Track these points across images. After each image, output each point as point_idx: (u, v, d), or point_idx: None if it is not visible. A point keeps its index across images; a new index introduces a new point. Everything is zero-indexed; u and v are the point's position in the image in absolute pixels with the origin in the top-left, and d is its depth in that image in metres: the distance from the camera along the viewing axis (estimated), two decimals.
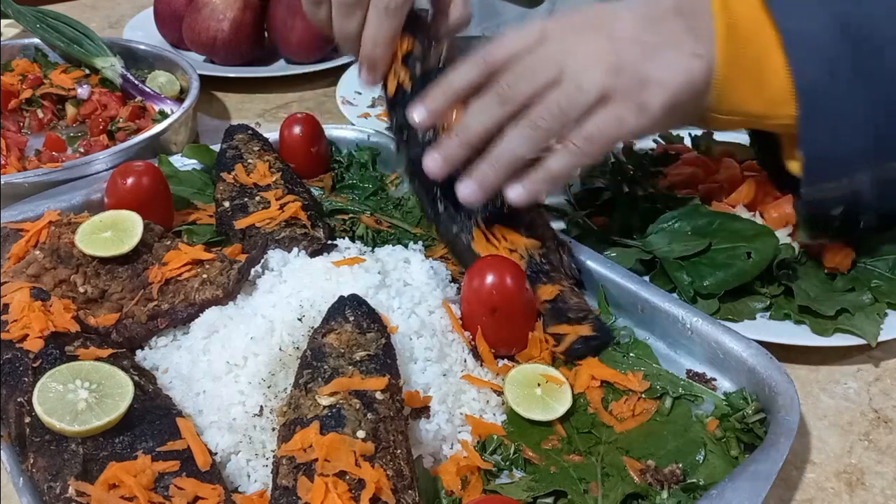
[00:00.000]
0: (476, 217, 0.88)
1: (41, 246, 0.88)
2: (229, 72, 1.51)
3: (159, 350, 0.83)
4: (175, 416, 0.70)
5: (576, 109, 0.78)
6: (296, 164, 1.09)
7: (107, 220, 0.88)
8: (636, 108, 0.78)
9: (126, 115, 1.26)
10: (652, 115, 0.79)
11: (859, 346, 0.84)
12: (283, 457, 0.64)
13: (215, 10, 1.50)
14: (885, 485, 0.74)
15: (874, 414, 0.82)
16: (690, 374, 0.82)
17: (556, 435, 0.76)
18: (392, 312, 0.80)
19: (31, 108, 1.29)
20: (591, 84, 0.78)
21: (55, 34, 1.41)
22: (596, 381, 0.81)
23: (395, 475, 0.63)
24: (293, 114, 1.14)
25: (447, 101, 0.84)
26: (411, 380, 0.76)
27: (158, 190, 0.98)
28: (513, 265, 0.84)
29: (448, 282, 0.90)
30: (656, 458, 0.73)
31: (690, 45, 0.79)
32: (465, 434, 0.75)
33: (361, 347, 0.72)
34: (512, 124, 0.80)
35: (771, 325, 0.86)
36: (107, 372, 0.70)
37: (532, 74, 0.80)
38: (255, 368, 0.74)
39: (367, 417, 0.65)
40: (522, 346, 0.83)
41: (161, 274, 0.85)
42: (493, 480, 0.72)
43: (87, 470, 0.65)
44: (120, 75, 1.34)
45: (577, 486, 0.70)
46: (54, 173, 1.07)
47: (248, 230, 0.94)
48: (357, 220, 1.04)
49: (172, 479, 0.65)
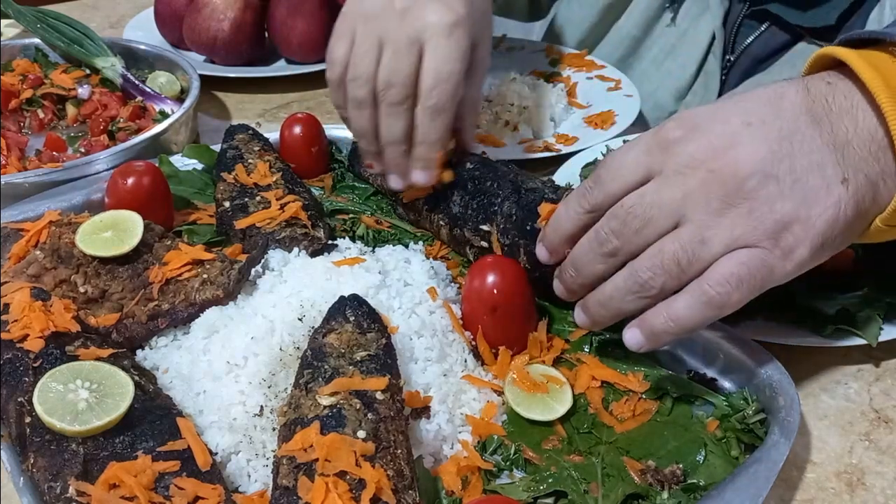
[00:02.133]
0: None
1: (41, 246, 0.88)
2: (230, 72, 1.51)
3: (160, 350, 0.83)
4: (175, 416, 0.70)
5: (698, 265, 0.67)
6: (296, 164, 1.09)
7: (107, 220, 0.88)
8: (781, 254, 0.66)
9: (126, 115, 1.26)
10: (798, 261, 0.67)
11: (860, 346, 0.84)
12: (284, 457, 0.64)
13: (216, 10, 1.50)
14: (885, 485, 0.74)
15: (875, 414, 0.82)
16: (691, 375, 0.82)
17: (556, 435, 0.76)
18: (392, 312, 0.80)
19: (32, 108, 1.29)
20: (718, 237, 0.66)
21: (55, 34, 1.41)
22: (596, 382, 0.80)
23: (396, 475, 0.63)
24: (294, 114, 1.14)
25: (561, 243, 0.77)
26: (412, 380, 0.76)
27: (159, 190, 0.98)
28: (513, 265, 0.84)
29: (448, 282, 0.90)
30: (657, 458, 0.73)
31: (834, 168, 0.66)
32: (465, 434, 0.75)
33: (362, 347, 0.72)
34: (623, 275, 0.71)
35: (771, 325, 0.86)
36: (107, 372, 0.70)
37: (643, 226, 0.69)
38: (256, 368, 0.74)
39: (367, 417, 0.65)
40: (523, 346, 0.83)
41: (161, 274, 0.85)
42: (493, 480, 0.72)
43: (88, 470, 0.65)
44: (120, 75, 1.34)
45: (578, 487, 0.70)
46: (55, 173, 1.07)
47: (248, 230, 0.94)
48: (357, 220, 1.04)
49: (173, 479, 0.64)
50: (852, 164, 0.67)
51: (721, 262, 0.67)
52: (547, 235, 0.79)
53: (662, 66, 1.39)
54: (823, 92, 0.69)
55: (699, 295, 0.67)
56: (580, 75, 1.42)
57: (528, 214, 0.87)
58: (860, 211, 0.67)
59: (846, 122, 0.67)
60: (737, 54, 1.29)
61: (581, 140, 1.22)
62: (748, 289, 0.67)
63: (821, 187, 0.66)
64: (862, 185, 0.67)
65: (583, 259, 0.74)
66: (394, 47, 0.89)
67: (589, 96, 1.37)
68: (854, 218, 0.67)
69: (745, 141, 0.67)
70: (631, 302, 0.71)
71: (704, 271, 0.67)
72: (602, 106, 1.32)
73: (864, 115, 0.67)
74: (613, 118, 1.27)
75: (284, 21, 1.51)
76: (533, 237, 0.84)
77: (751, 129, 0.67)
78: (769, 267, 0.67)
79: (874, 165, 0.67)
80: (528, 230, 0.86)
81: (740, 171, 0.66)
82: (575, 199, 0.75)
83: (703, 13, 1.31)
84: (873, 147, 0.67)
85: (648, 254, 0.69)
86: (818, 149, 0.67)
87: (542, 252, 0.80)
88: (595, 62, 1.44)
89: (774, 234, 0.66)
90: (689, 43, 1.34)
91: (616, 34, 1.45)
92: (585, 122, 1.28)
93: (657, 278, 0.69)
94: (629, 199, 0.70)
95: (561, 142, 1.23)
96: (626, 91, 1.35)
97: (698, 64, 1.33)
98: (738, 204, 0.66)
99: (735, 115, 0.69)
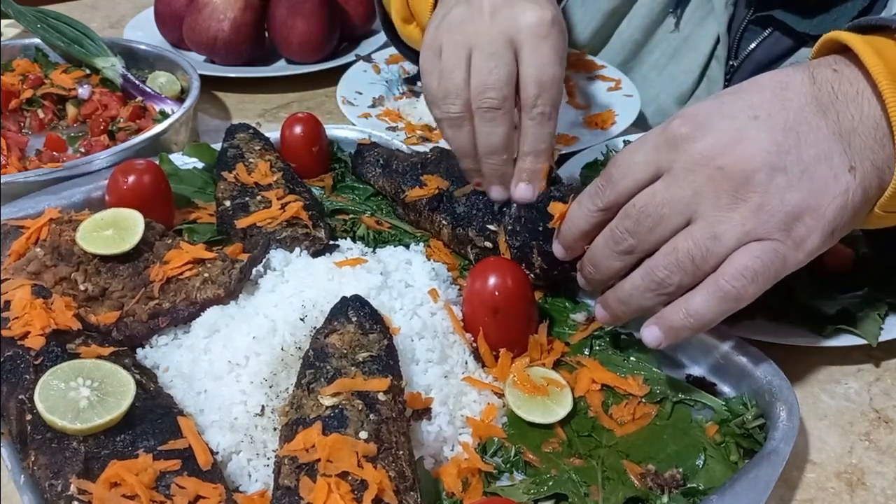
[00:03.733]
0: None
1: (42, 243, 0.87)
2: (230, 72, 1.51)
3: (160, 349, 0.83)
4: (176, 415, 0.70)
5: (712, 260, 0.68)
6: (297, 164, 1.09)
7: (108, 218, 0.88)
8: (793, 244, 0.67)
9: (127, 115, 1.26)
10: (810, 250, 0.68)
11: (860, 346, 0.85)
12: (286, 457, 0.64)
13: (216, 10, 1.50)
14: (885, 485, 0.75)
15: (875, 414, 0.82)
16: (690, 379, 0.82)
17: (556, 438, 0.76)
18: (394, 313, 0.80)
19: (32, 109, 1.29)
20: (729, 232, 0.67)
21: (56, 34, 1.41)
22: (596, 385, 0.81)
23: (398, 476, 0.63)
24: (294, 113, 1.14)
25: (576, 240, 0.78)
26: (413, 381, 0.76)
27: (160, 188, 0.98)
28: (515, 267, 0.84)
29: (450, 283, 0.90)
30: (656, 462, 0.73)
31: (841, 157, 0.67)
32: (465, 436, 0.76)
33: (364, 348, 0.72)
34: (640, 274, 0.72)
35: (771, 325, 0.86)
36: (108, 370, 0.70)
37: (656, 224, 0.70)
38: (257, 368, 0.74)
39: (369, 418, 0.65)
40: (523, 348, 0.83)
41: (162, 272, 0.85)
42: (493, 482, 0.72)
43: (89, 468, 0.65)
44: (120, 75, 1.34)
45: (578, 490, 0.70)
46: (55, 173, 1.07)
47: (249, 229, 0.94)
48: (358, 221, 1.04)
49: (174, 478, 0.64)
50: (858, 152, 0.67)
51: (735, 257, 0.68)
52: (562, 234, 0.80)
53: (665, 70, 1.39)
54: (829, 79, 0.69)
55: (715, 290, 0.68)
56: (580, 75, 1.42)
57: (539, 215, 0.87)
58: (867, 197, 0.69)
59: (852, 109, 0.68)
60: (740, 60, 1.29)
61: (581, 140, 1.22)
62: (763, 281, 0.68)
63: (829, 176, 0.67)
64: (868, 172, 0.68)
65: (600, 256, 0.75)
66: (486, 51, 0.84)
67: (589, 96, 1.37)
68: (861, 204, 0.68)
69: (752, 135, 0.67)
70: (649, 299, 0.72)
71: (719, 266, 0.68)
72: (602, 106, 1.32)
73: (869, 102, 0.68)
74: (613, 118, 1.27)
75: (284, 21, 1.51)
76: (546, 237, 0.85)
77: (757, 122, 0.68)
78: (782, 258, 0.67)
79: (880, 153, 0.68)
80: (540, 231, 0.87)
81: (748, 166, 0.67)
82: (588, 198, 0.76)
83: (707, 18, 1.30)
84: (878, 134, 0.68)
85: (663, 252, 0.70)
86: (825, 138, 0.67)
87: (558, 249, 0.82)
88: (595, 62, 1.44)
89: (786, 226, 0.67)
90: (691, 48, 1.33)
91: (618, 39, 1.45)
92: (586, 122, 1.28)
93: (673, 276, 0.70)
94: (641, 198, 0.71)
95: (561, 142, 1.23)
96: (626, 91, 1.35)
97: (701, 69, 1.33)
98: (747, 198, 0.67)
99: (741, 110, 0.69)
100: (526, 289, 0.83)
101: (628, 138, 1.18)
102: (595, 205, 0.75)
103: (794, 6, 1.20)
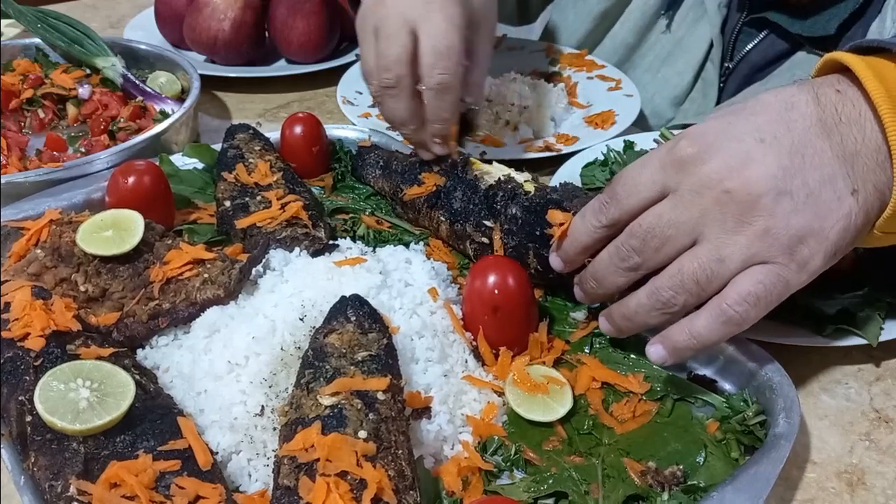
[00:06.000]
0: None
1: (42, 245, 0.87)
2: (230, 72, 1.51)
3: (160, 349, 0.83)
4: (176, 416, 0.70)
5: (717, 282, 0.69)
6: (297, 164, 1.09)
7: (108, 219, 0.88)
8: (796, 267, 0.68)
9: (127, 114, 1.26)
10: (812, 272, 0.69)
11: (860, 346, 0.84)
12: (285, 456, 0.64)
13: (216, 9, 1.50)
14: (885, 485, 0.74)
15: (875, 414, 0.82)
16: (691, 376, 0.82)
17: (556, 436, 0.76)
18: (393, 313, 0.80)
19: (32, 108, 1.29)
20: (735, 255, 0.68)
21: (56, 34, 1.41)
22: (597, 383, 0.81)
23: (397, 475, 0.63)
24: (294, 113, 1.14)
25: (577, 254, 0.80)
26: (412, 380, 0.76)
27: (159, 189, 0.99)
28: (515, 265, 0.84)
29: (449, 282, 0.90)
30: (657, 459, 0.73)
31: (844, 180, 0.68)
32: (466, 435, 0.75)
33: (363, 348, 0.72)
34: (646, 293, 0.73)
35: (771, 325, 0.86)
36: (108, 371, 0.71)
37: (662, 244, 0.71)
38: (257, 368, 0.74)
39: (368, 418, 0.65)
40: (523, 346, 0.83)
41: (162, 273, 0.85)
42: (493, 481, 0.72)
43: (89, 469, 0.65)
44: (121, 75, 1.34)
45: (578, 488, 0.70)
46: (55, 173, 1.07)
47: (249, 230, 0.94)
48: (358, 220, 1.04)
49: (173, 479, 0.65)
50: (861, 175, 0.69)
51: (739, 281, 0.69)
52: (563, 248, 0.81)
53: (659, 73, 1.39)
54: (833, 101, 0.70)
55: (719, 314, 0.70)
56: (580, 75, 1.42)
57: (536, 218, 0.87)
58: (869, 219, 0.70)
59: (854, 132, 0.69)
60: (735, 62, 1.29)
61: (581, 140, 1.22)
62: (766, 304, 0.69)
63: (832, 199, 0.68)
64: (871, 194, 0.69)
65: (604, 272, 0.77)
66: (384, 33, 0.92)
67: (589, 96, 1.37)
68: (863, 225, 0.70)
69: (759, 158, 0.68)
70: (654, 317, 0.74)
71: (723, 288, 0.69)
72: (602, 106, 1.32)
73: (871, 125, 0.69)
74: (614, 118, 1.27)
75: (284, 21, 1.51)
76: (542, 242, 0.85)
77: (763, 145, 0.69)
78: (785, 281, 0.69)
79: (881, 175, 0.69)
80: (537, 235, 0.87)
81: (755, 190, 0.68)
82: (592, 214, 0.77)
83: (700, 20, 1.30)
84: (879, 157, 0.69)
85: (669, 272, 0.72)
86: (829, 161, 0.68)
87: (556, 262, 0.83)
88: (595, 62, 1.45)
89: (790, 249, 0.68)
90: (685, 50, 1.33)
91: (611, 41, 1.45)
92: (586, 121, 1.28)
93: (678, 297, 0.71)
94: (647, 218, 0.72)
95: (561, 142, 1.23)
96: (626, 91, 1.35)
97: (696, 71, 1.33)
98: (753, 222, 0.68)
99: (747, 132, 0.70)
100: (526, 287, 0.83)
101: (628, 138, 1.18)
102: (599, 221, 0.76)
103: (788, 8, 1.20)
